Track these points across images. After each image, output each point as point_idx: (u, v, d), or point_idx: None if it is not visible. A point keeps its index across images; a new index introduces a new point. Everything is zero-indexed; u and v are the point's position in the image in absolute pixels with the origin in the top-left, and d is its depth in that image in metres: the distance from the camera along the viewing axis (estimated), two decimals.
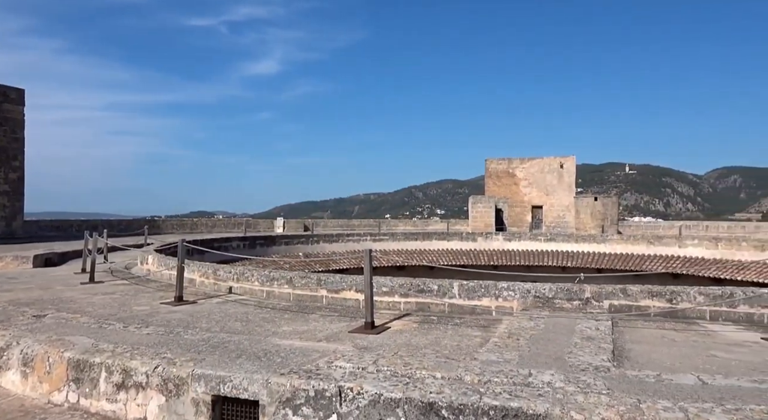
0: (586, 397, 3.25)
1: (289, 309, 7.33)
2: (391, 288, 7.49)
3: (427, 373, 3.74)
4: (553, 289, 7.03)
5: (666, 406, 3.07)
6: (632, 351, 4.90)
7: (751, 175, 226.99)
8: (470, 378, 3.64)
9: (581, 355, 4.37)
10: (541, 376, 3.68)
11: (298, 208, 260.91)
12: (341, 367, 3.87)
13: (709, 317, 6.53)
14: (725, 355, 4.75)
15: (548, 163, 36.47)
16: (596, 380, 3.60)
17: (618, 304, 6.85)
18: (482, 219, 32.83)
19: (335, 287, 7.86)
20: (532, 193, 36.77)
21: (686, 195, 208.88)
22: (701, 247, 23.70)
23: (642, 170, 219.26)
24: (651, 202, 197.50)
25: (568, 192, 35.89)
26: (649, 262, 23.43)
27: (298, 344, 4.89)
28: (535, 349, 4.59)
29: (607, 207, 33.85)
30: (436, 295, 7.35)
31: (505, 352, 4.49)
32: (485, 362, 4.12)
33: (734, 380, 3.61)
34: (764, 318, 6.36)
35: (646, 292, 6.82)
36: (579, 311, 6.70)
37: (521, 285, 7.19)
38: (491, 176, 37.96)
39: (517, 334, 5.24)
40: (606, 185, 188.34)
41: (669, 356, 4.69)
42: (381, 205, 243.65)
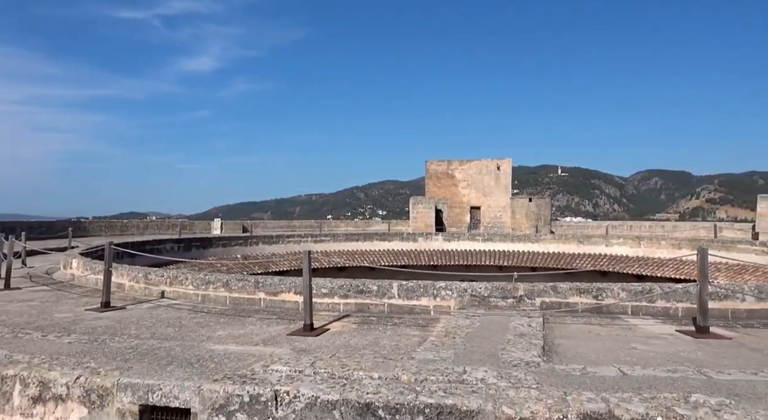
0: (517, 391, 3.36)
1: (226, 313, 7.13)
2: (331, 289, 7.45)
3: (365, 373, 3.75)
4: (489, 288, 7.24)
5: (590, 397, 3.23)
6: (561, 346, 5.12)
7: (669, 178, 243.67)
8: (407, 377, 3.68)
9: (514, 352, 4.52)
10: (475, 373, 3.77)
11: (237, 208, 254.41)
12: (277, 371, 3.80)
13: (631, 312, 6.95)
14: (644, 348, 5.07)
15: (486, 165, 37.52)
16: (527, 375, 3.73)
17: (549, 301, 7.15)
18: (422, 219, 33.32)
19: (274, 289, 7.72)
20: (470, 195, 37.69)
21: (613, 196, 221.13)
22: (626, 246, 25.14)
23: (573, 173, 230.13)
24: (581, 203, 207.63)
25: (505, 193, 37.08)
26: (579, 260, 24.59)
27: (234, 349, 4.77)
28: (470, 347, 4.71)
29: (540, 208, 35.26)
30: (376, 295, 7.39)
31: (441, 351, 4.57)
32: (422, 361, 4.18)
33: (651, 370, 3.85)
34: (679, 312, 6.84)
35: (574, 289, 7.16)
36: (513, 309, 6.93)
37: (458, 284, 7.36)
38: (431, 177, 38.59)
39: (453, 333, 5.35)
40: (540, 187, 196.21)
41: (594, 350, 4.95)
42: (323, 206, 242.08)
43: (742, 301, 6.89)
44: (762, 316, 6.76)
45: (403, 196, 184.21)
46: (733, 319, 6.71)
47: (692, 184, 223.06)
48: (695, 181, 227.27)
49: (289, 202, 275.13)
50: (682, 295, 6.90)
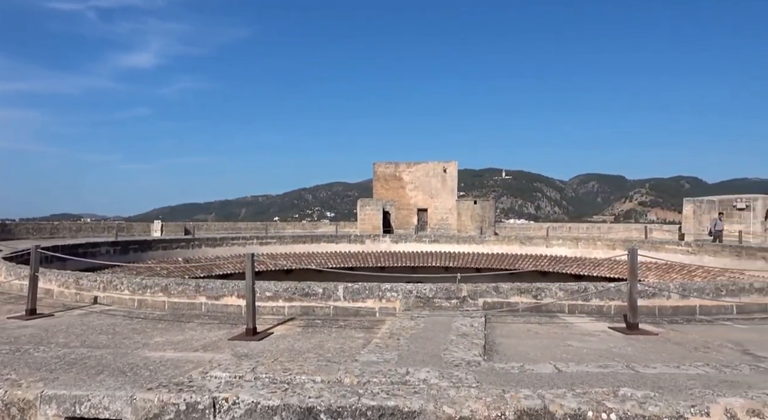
0: (458, 391, 3.42)
1: (164, 318, 6.86)
2: (275, 292, 7.32)
3: (307, 377, 3.71)
4: (434, 289, 7.34)
5: (527, 394, 3.33)
6: (501, 345, 5.26)
7: (606, 182, 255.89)
8: (350, 380, 3.66)
9: (456, 352, 4.60)
10: (418, 374, 3.81)
11: (179, 210, 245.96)
12: (217, 377, 3.70)
13: (568, 310, 7.23)
14: (579, 345, 5.28)
15: (433, 168, 38.08)
16: (468, 374, 3.81)
17: (491, 301, 7.33)
18: (370, 221, 33.40)
19: (215, 293, 7.51)
20: (417, 197, 38.13)
21: (554, 199, 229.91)
22: (565, 247, 26.18)
23: (517, 176, 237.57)
24: (524, 206, 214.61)
25: (451, 195, 37.76)
26: (522, 261, 25.40)
27: (171, 355, 4.59)
28: (414, 348, 4.75)
29: (485, 210, 36.14)
30: (321, 298, 7.33)
31: (385, 352, 4.59)
32: (366, 363, 4.18)
33: (584, 367, 4.02)
34: (611, 309, 7.18)
35: (515, 289, 7.37)
36: (456, 309, 7.06)
37: (404, 286, 7.42)
38: (379, 179, 38.76)
39: (398, 334, 5.38)
40: (485, 189, 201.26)
41: (532, 348, 5.11)
42: (269, 208, 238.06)
43: (668, 298, 7.31)
44: (686, 312, 7.21)
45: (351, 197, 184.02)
46: (660, 315, 7.11)
47: (626, 187, 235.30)
48: (629, 184, 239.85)
49: (235, 204, 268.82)
50: (614, 294, 7.25)
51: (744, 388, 3.32)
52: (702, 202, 29.21)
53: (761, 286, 7.57)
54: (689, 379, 3.60)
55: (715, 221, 25.19)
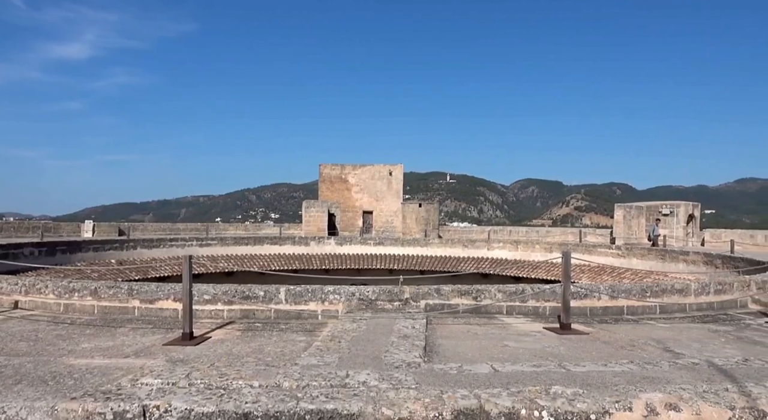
0: (397, 392, 3.44)
1: (93, 323, 6.51)
2: (214, 295, 7.12)
3: (244, 382, 3.62)
4: (376, 292, 7.36)
5: (464, 394, 3.40)
6: (442, 346, 5.35)
7: (545, 187, 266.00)
8: (289, 384, 3.61)
9: (396, 353, 4.63)
10: (358, 376, 3.80)
11: (114, 210, 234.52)
12: (148, 384, 3.54)
13: (506, 312, 7.45)
14: (515, 345, 5.45)
15: (378, 171, 38.27)
16: (407, 376, 3.84)
17: (433, 303, 7.44)
18: (315, 223, 33.13)
19: (150, 297, 7.21)
20: (363, 199, 38.19)
21: (496, 203, 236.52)
22: (505, 250, 26.99)
23: (461, 180, 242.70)
24: (467, 209, 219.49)
25: (396, 198, 38.07)
26: (464, 263, 25.94)
27: (99, 362, 4.36)
28: (355, 350, 4.75)
29: (430, 213, 36.68)
30: (263, 301, 7.19)
31: (326, 355, 4.56)
32: (305, 367, 4.13)
33: (519, 366, 4.15)
34: (547, 310, 7.46)
35: (456, 291, 7.52)
36: (399, 311, 7.11)
37: (347, 288, 7.40)
38: (325, 181, 38.54)
39: (339, 337, 5.36)
40: (430, 192, 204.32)
41: (471, 349, 5.23)
42: (211, 208, 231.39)
43: (599, 299, 7.68)
44: (614, 312, 7.60)
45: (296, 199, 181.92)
46: (592, 315, 7.46)
47: (563, 193, 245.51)
48: (566, 190, 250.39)
49: (174, 204, 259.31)
50: (549, 295, 7.54)
51: (663, 384, 3.54)
52: (631, 208, 30.92)
53: (681, 288, 8.10)
54: (615, 376, 3.79)
55: (653, 227, 26.72)
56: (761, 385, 3.49)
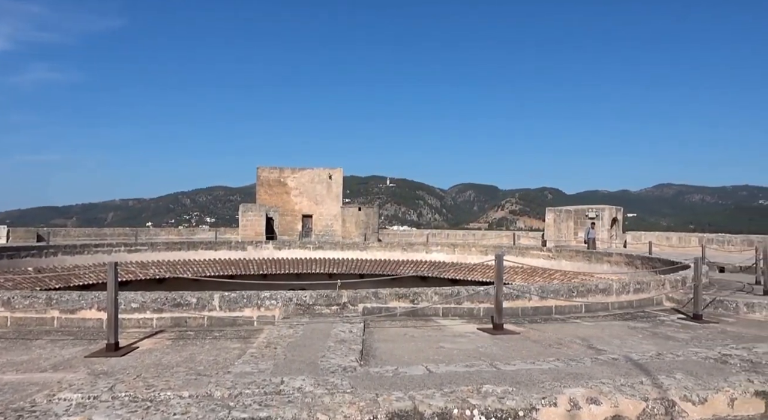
0: (332, 397, 3.43)
1: (5, 337, 6.05)
2: (143, 303, 6.80)
3: (173, 393, 3.48)
4: (314, 296, 7.30)
5: (399, 396, 3.44)
6: (378, 349, 5.38)
7: (481, 191, 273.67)
8: (221, 393, 3.51)
9: (333, 358, 4.62)
10: (293, 383, 3.76)
11: (32, 214, 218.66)
12: (66, 400, 3.33)
13: (442, 314, 7.60)
14: (450, 346, 5.58)
15: (318, 174, 38.00)
16: (343, 380, 3.83)
17: (371, 306, 7.47)
18: (253, 227, 32.40)
19: (71, 306, 6.78)
20: (302, 203, 37.77)
21: (434, 207, 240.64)
22: (443, 253, 27.53)
23: (400, 184, 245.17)
24: (407, 213, 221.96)
25: (336, 202, 37.94)
26: (403, 266, 26.22)
27: (11, 378, 4.06)
28: (291, 356, 4.69)
29: (369, 217, 36.81)
30: (195, 308, 6.95)
31: (260, 362, 4.47)
32: (239, 374, 4.03)
33: (453, 367, 4.25)
34: (480, 311, 7.68)
35: (393, 294, 7.59)
36: (336, 316, 7.08)
37: (284, 293, 7.29)
38: (263, 185, 37.80)
39: (275, 343, 5.27)
40: (370, 196, 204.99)
41: (407, 351, 5.30)
42: (142, 212, 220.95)
43: (530, 299, 8.00)
44: (544, 312, 7.94)
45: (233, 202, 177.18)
46: (523, 315, 7.75)
47: (499, 197, 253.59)
48: (501, 194, 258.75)
49: (101, 208, 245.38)
50: (483, 297, 7.76)
51: (585, 379, 3.73)
52: (561, 212, 32.43)
53: (604, 287, 8.59)
54: (542, 373, 3.96)
55: (588, 230, 28.05)
56: (671, 377, 3.77)
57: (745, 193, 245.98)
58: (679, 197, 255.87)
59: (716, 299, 8.76)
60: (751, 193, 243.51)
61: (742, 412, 3.53)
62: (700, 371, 3.92)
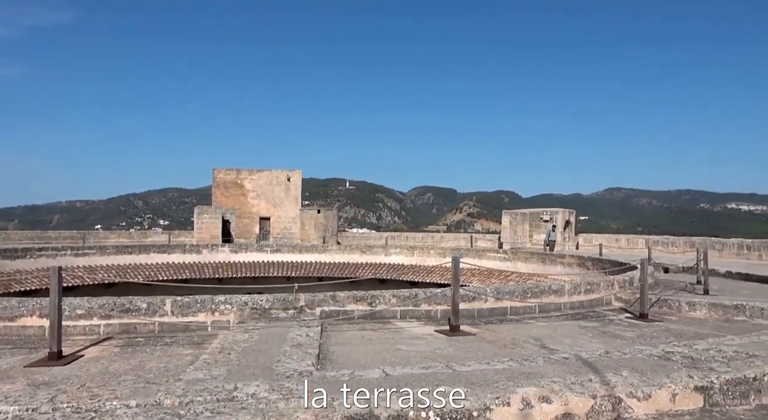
0: (287, 403, 3.38)
1: None
2: (89, 309, 6.52)
3: (120, 402, 3.35)
4: (270, 300, 7.19)
5: (354, 400, 3.42)
6: (335, 353, 5.35)
7: (440, 194, 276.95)
8: (170, 401, 3.40)
9: (289, 363, 4.56)
10: (247, 388, 3.68)
11: None
12: (2, 413, 3.15)
13: (400, 316, 7.63)
14: (407, 348, 5.60)
15: (276, 176, 37.51)
16: (298, 385, 3.78)
17: (328, 309, 7.41)
18: (208, 230, 31.64)
19: (10, 313, 6.43)
20: (260, 205, 37.19)
21: (394, 209, 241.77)
22: (402, 255, 27.65)
23: (360, 186, 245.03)
24: (367, 215, 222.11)
25: (295, 204, 37.55)
26: (362, 269, 26.18)
27: None
28: (245, 362, 4.60)
29: (328, 219, 36.61)
30: (146, 313, 6.72)
31: (213, 369, 4.36)
32: (190, 381, 3.92)
33: (409, 369, 4.26)
34: (438, 313, 7.75)
35: (351, 297, 7.56)
36: (293, 319, 7.00)
37: (239, 297, 7.15)
38: (219, 186, 37.00)
39: (229, 348, 5.16)
40: (329, 199, 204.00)
41: (364, 354, 5.28)
42: (90, 215, 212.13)
43: (486, 301, 8.14)
44: (499, 313, 8.08)
45: (188, 205, 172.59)
46: (479, 317, 7.87)
47: (457, 200, 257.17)
48: (459, 197, 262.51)
49: (45, 210, 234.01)
50: (441, 299, 7.84)
51: (537, 378, 3.82)
52: (517, 215, 33.20)
53: (557, 288, 8.83)
54: (497, 373, 4.03)
55: (549, 232, 28.73)
56: (618, 375, 3.90)
57: (687, 197, 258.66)
58: (627, 201, 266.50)
59: (661, 299, 9.16)
60: (693, 197, 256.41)
61: (683, 407, 3.70)
62: (644, 368, 4.08)
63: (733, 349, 4.72)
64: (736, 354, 4.52)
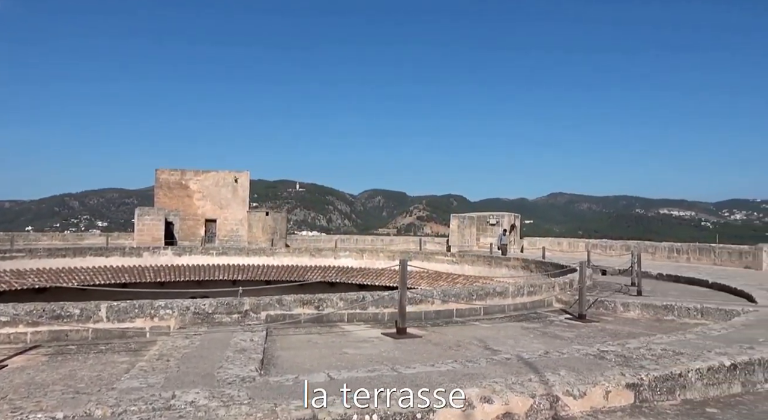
0: (228, 410, 3.29)
1: None
2: (15, 316, 6.12)
3: (45, 414, 3.16)
4: (213, 304, 6.99)
5: (298, 405, 3.37)
6: (280, 358, 5.26)
7: (390, 197, 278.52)
8: (102, 411, 3.23)
9: (231, 369, 4.44)
10: (185, 396, 3.55)
11: None
12: None
13: (347, 319, 7.60)
14: (354, 352, 5.58)
15: (223, 177, 36.62)
16: (240, 391, 3.69)
17: (274, 314, 7.28)
18: (150, 232, 30.44)
19: None
20: (206, 206, 36.18)
21: (344, 212, 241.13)
22: (351, 258, 27.62)
23: (310, 188, 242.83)
24: (317, 218, 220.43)
25: (242, 206, 36.77)
26: (311, 272, 25.94)
27: None
28: (185, 368, 4.44)
29: (277, 221, 36.08)
30: (78, 320, 6.38)
31: (150, 376, 4.19)
32: (125, 390, 3.75)
33: (354, 372, 4.25)
34: (385, 316, 7.77)
35: (298, 301, 7.47)
36: (238, 324, 6.84)
37: (180, 302, 6.91)
38: (162, 187, 35.73)
39: (168, 355, 4.97)
40: (279, 201, 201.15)
41: (310, 358, 5.22)
42: (20, 215, 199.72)
43: (432, 303, 8.23)
44: (445, 315, 8.20)
45: (129, 206, 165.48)
46: (426, 319, 7.96)
47: (407, 203, 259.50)
48: (409, 200, 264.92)
49: None
50: (388, 302, 7.87)
51: (480, 379, 3.89)
52: (464, 218, 33.85)
53: (501, 291, 9.06)
54: (441, 375, 4.08)
55: (500, 236, 29.32)
56: (556, 374, 4.04)
57: (624, 202, 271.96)
58: (569, 205, 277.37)
59: (598, 300, 9.57)
60: (630, 202, 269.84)
61: (615, 403, 3.87)
62: (581, 367, 4.24)
63: (661, 347, 4.99)
64: (664, 352, 4.77)
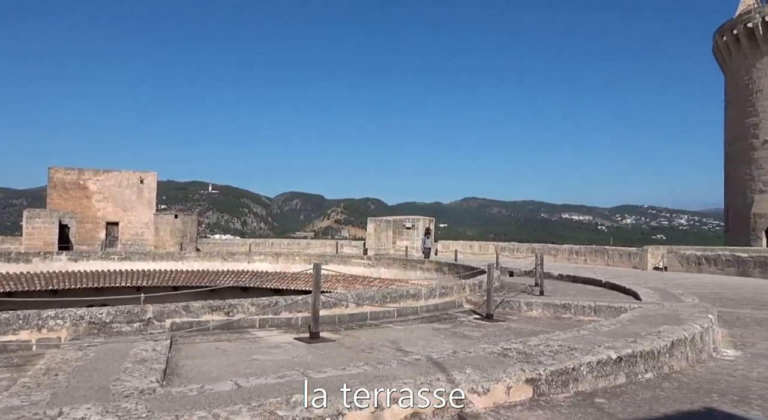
0: None
1: None
2: None
3: None
4: (112, 313, 6.53)
5: (201, 415, 3.22)
6: (184, 367, 5.01)
7: (307, 200, 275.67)
8: None
9: (129, 381, 4.16)
10: (74, 413, 3.28)
11: None
12: None
13: (259, 325, 7.40)
14: (264, 358, 5.45)
15: (127, 178, 34.38)
16: (138, 405, 3.47)
17: (180, 321, 6.93)
18: (41, 236, 27.87)
19: None
20: (107, 209, 33.76)
21: (260, 215, 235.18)
22: (266, 262, 26.97)
23: (224, 191, 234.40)
24: (231, 221, 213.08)
25: (149, 208, 34.73)
26: (223, 277, 25.02)
27: None
28: (76, 383, 4.10)
29: (187, 225, 34.43)
30: None
31: (34, 393, 3.82)
32: (2, 410, 3.39)
33: (264, 379, 4.14)
34: (299, 321, 7.66)
35: (207, 307, 7.17)
36: (139, 333, 6.42)
37: (73, 311, 6.39)
38: (56, 187, 32.87)
39: (57, 369, 4.57)
40: (190, 203, 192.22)
41: (217, 366, 5.03)
42: None
43: (347, 306, 8.24)
44: (359, 318, 8.23)
45: (17, 207, 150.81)
46: (340, 323, 7.94)
47: (325, 206, 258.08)
48: (327, 204, 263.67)
49: None
50: (302, 306, 7.77)
51: (390, 381, 3.94)
52: (381, 222, 34.26)
53: (414, 293, 9.26)
54: (351, 378, 4.08)
55: (424, 240, 29.76)
56: (463, 372, 4.18)
57: (531, 207, 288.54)
58: (481, 209, 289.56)
59: (504, 300, 10.05)
60: (536, 207, 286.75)
61: (516, 398, 4.08)
62: (485, 365, 4.42)
63: (558, 343, 5.33)
64: (561, 348, 5.10)
